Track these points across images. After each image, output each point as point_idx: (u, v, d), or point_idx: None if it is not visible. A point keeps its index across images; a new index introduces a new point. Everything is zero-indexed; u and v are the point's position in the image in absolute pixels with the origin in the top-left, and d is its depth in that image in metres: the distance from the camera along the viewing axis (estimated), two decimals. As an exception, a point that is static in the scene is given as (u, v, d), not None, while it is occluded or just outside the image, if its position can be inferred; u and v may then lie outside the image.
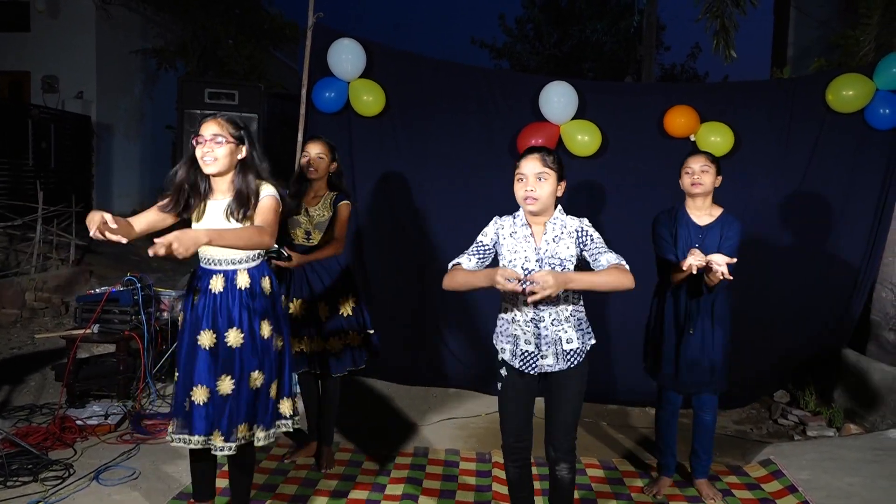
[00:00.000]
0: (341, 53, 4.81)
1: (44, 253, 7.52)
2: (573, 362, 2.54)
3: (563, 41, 16.00)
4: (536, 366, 2.54)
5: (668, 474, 3.59)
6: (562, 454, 2.59)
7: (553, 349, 2.52)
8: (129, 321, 4.44)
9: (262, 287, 2.60)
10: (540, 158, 2.50)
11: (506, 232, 2.60)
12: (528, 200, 2.50)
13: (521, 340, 2.56)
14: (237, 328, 2.53)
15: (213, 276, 2.56)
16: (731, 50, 6.15)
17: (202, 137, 2.47)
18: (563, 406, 2.58)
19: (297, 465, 3.69)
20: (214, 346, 2.53)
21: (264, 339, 2.57)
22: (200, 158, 2.48)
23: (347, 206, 3.59)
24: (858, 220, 4.79)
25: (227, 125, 2.50)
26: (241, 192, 2.52)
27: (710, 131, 4.76)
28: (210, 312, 2.53)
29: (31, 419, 4.10)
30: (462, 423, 4.46)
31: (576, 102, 4.83)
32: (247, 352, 2.54)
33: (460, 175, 5.03)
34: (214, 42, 10.99)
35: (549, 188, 2.49)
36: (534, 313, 2.51)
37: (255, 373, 2.55)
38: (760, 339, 4.91)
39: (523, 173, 2.51)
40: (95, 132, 10.99)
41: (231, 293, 2.54)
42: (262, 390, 2.57)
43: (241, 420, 2.53)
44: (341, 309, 3.57)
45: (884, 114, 4.59)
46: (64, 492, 3.20)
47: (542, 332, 2.52)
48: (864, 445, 3.93)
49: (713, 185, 3.34)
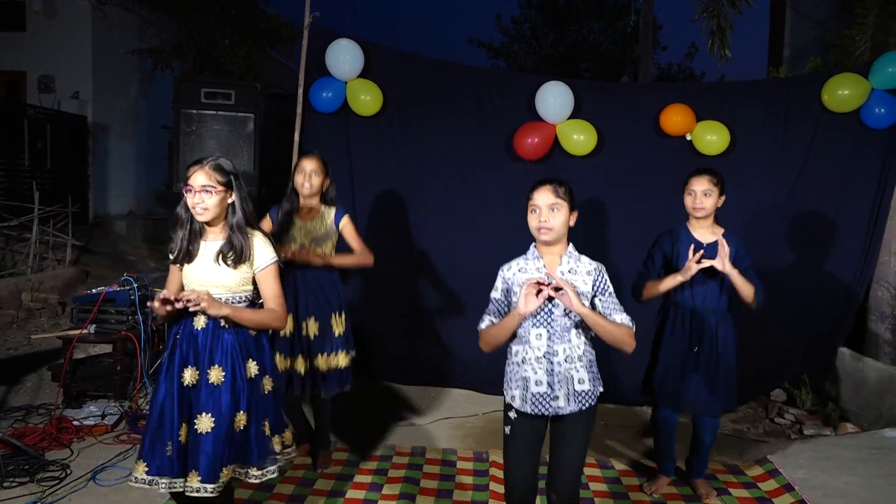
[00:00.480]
0: (339, 54, 4.81)
1: (40, 253, 7.50)
2: (584, 405, 2.48)
3: (559, 41, 15.99)
4: (550, 407, 2.47)
5: (667, 475, 3.60)
6: (565, 499, 2.53)
7: (565, 389, 2.46)
8: (126, 321, 4.43)
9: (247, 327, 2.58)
10: (552, 189, 2.49)
11: (513, 273, 2.56)
12: (542, 231, 2.48)
13: (531, 382, 2.49)
14: (218, 366, 2.50)
15: (196, 313, 2.54)
16: (726, 49, 6.16)
17: (191, 188, 2.49)
18: (571, 451, 2.52)
19: (294, 465, 3.68)
20: (196, 384, 2.50)
21: (250, 378, 2.53)
22: (192, 208, 2.51)
23: (349, 218, 3.59)
24: (855, 220, 4.80)
25: (214, 174, 2.50)
26: (231, 244, 2.54)
27: (706, 130, 4.77)
28: (192, 349, 2.52)
29: (27, 420, 4.10)
30: (459, 423, 4.46)
31: (572, 102, 4.84)
32: (227, 391, 2.49)
33: (458, 174, 5.03)
34: (210, 42, 10.96)
35: (562, 218, 2.48)
36: (547, 347, 2.47)
37: (240, 413, 2.49)
38: (757, 339, 4.91)
39: (536, 204, 2.49)
40: (91, 132, 10.96)
41: (215, 331, 2.53)
42: (249, 431, 2.51)
43: (225, 461, 2.45)
44: (334, 328, 3.54)
45: (879, 113, 4.60)
46: (61, 492, 3.20)
47: (555, 369, 2.46)
48: (861, 444, 3.94)
49: (715, 206, 3.34)
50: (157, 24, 11.89)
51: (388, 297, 5.15)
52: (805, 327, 4.90)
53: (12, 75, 11.03)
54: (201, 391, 2.48)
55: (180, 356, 2.51)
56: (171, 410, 2.47)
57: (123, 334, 4.39)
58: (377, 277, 5.13)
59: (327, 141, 4.94)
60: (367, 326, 5.11)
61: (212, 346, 2.51)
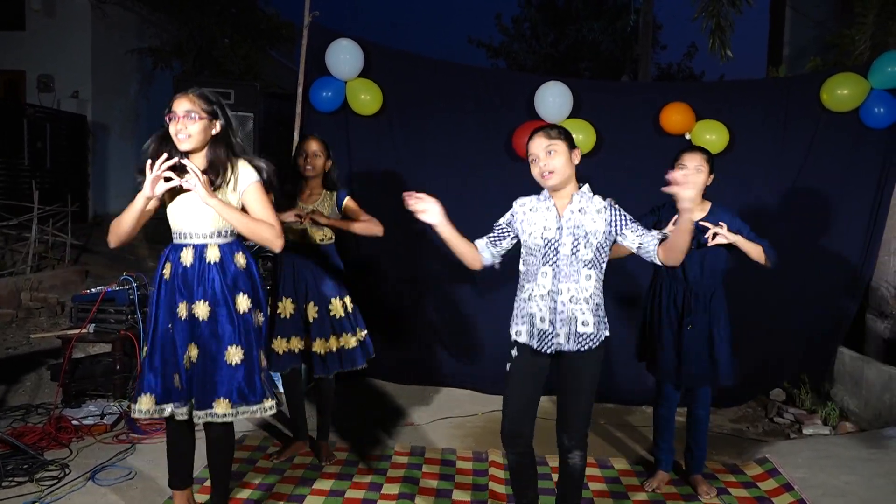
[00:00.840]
0: (339, 53, 4.81)
1: (39, 253, 7.50)
2: (584, 346, 2.51)
3: (559, 40, 16.00)
4: (551, 344, 2.51)
5: (665, 469, 3.60)
6: (574, 441, 2.59)
7: (567, 328, 2.49)
8: (125, 321, 4.43)
9: (237, 262, 2.59)
10: (544, 134, 2.54)
11: (525, 209, 2.62)
12: (546, 175, 2.52)
13: (536, 318, 2.53)
14: (204, 301, 2.52)
15: (182, 249, 2.56)
16: (726, 49, 6.16)
17: (174, 114, 2.46)
18: (577, 392, 2.56)
19: (294, 464, 3.68)
20: (188, 317, 2.53)
21: (240, 313, 2.54)
22: (174, 135, 2.47)
23: (352, 199, 3.61)
24: (854, 219, 4.80)
25: (199, 101, 2.48)
26: (213, 163, 2.50)
27: (706, 129, 4.77)
28: (181, 284, 2.53)
29: (26, 419, 4.09)
30: (459, 423, 4.46)
31: (571, 102, 4.84)
32: (214, 325, 2.51)
33: (457, 174, 5.03)
34: (210, 42, 10.98)
35: (562, 158, 2.51)
36: (552, 285, 2.49)
37: (232, 348, 2.51)
38: (756, 338, 4.92)
39: (533, 153, 2.55)
40: (91, 132, 10.97)
41: (200, 267, 2.53)
42: (244, 365, 2.53)
43: (217, 395, 2.49)
44: (332, 311, 3.54)
45: (879, 113, 4.60)
46: (60, 492, 3.19)
47: (558, 308, 2.49)
48: (860, 444, 3.95)
49: (705, 184, 3.34)
50: (157, 23, 11.90)
51: (388, 296, 5.15)
52: (804, 326, 4.90)
53: (12, 74, 11.04)
54: (192, 325, 2.52)
55: (174, 291, 2.52)
56: (172, 343, 2.51)
57: (123, 334, 4.38)
58: (377, 277, 5.13)
59: (327, 140, 4.93)
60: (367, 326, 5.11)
61: (199, 281, 2.52)
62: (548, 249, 2.51)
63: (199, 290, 2.52)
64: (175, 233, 2.60)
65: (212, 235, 2.55)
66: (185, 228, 2.56)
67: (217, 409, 2.50)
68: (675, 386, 3.49)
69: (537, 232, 2.55)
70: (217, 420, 2.52)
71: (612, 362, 4.77)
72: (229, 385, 2.52)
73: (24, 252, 7.34)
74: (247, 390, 2.54)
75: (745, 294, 4.92)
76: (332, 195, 3.61)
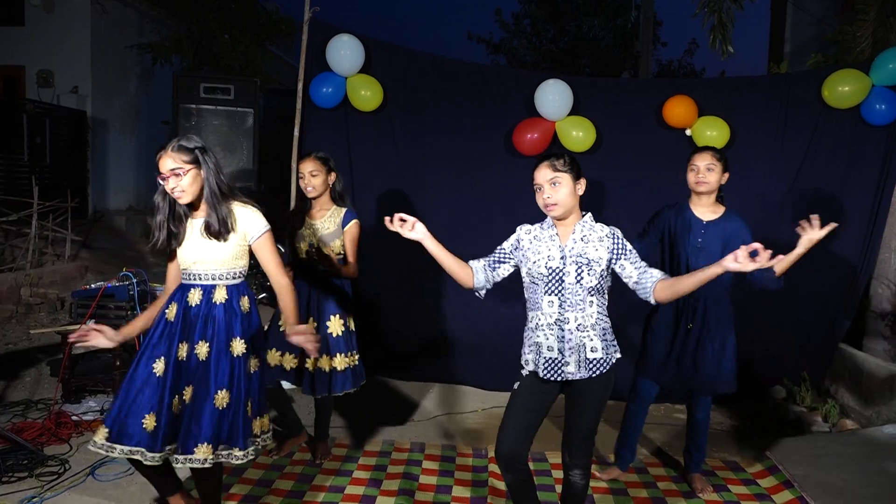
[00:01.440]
0: (339, 49, 4.80)
1: (39, 248, 7.49)
2: (595, 372, 2.51)
3: (559, 37, 15.96)
4: (561, 373, 2.51)
5: (621, 466, 3.64)
6: (577, 460, 2.60)
7: (576, 356, 2.49)
8: (125, 316, 4.42)
9: (241, 305, 2.60)
10: (549, 165, 2.52)
11: (530, 237, 2.62)
12: (549, 207, 2.53)
13: (543, 347, 2.52)
14: (205, 342, 2.53)
15: (190, 289, 2.59)
16: (727, 45, 6.13)
17: (162, 175, 2.51)
18: (584, 414, 2.56)
19: (293, 460, 3.69)
20: (186, 358, 2.52)
21: (235, 356, 2.54)
22: (171, 193, 2.53)
23: (356, 225, 3.56)
24: (855, 217, 4.79)
25: (179, 154, 2.51)
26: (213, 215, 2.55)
27: (706, 126, 4.77)
28: (184, 325, 2.54)
29: (26, 415, 4.09)
30: (459, 419, 4.46)
31: (571, 100, 4.83)
32: (212, 368, 2.51)
33: (457, 170, 5.03)
34: (210, 37, 10.94)
35: (566, 189, 2.51)
36: (558, 314, 2.49)
37: (222, 392, 2.50)
38: (756, 335, 4.92)
39: (538, 183, 2.55)
40: (91, 127, 10.94)
41: (207, 307, 2.56)
42: (230, 410, 2.51)
43: (202, 439, 2.46)
44: (331, 329, 3.51)
45: (880, 109, 4.59)
46: (59, 487, 3.20)
47: (565, 336, 2.49)
48: (860, 441, 3.95)
49: (719, 183, 3.34)
50: (157, 18, 11.87)
51: (388, 292, 5.15)
52: (805, 324, 4.90)
53: (11, 70, 11.00)
54: (190, 365, 2.52)
55: (174, 335, 2.53)
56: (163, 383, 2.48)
57: (122, 329, 4.37)
58: (377, 273, 5.12)
59: (327, 136, 4.93)
60: (367, 322, 5.11)
61: (204, 321, 2.54)
62: (552, 279, 2.50)
63: (202, 330, 2.54)
64: (184, 271, 2.63)
65: (222, 277, 2.59)
66: (196, 269, 2.59)
67: (198, 455, 2.46)
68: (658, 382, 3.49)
69: (541, 261, 2.54)
70: (196, 465, 2.47)
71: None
72: (215, 429, 2.48)
73: (23, 248, 7.33)
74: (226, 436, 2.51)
75: (745, 291, 4.93)
76: (340, 211, 3.58)
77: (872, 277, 4.85)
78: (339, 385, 3.50)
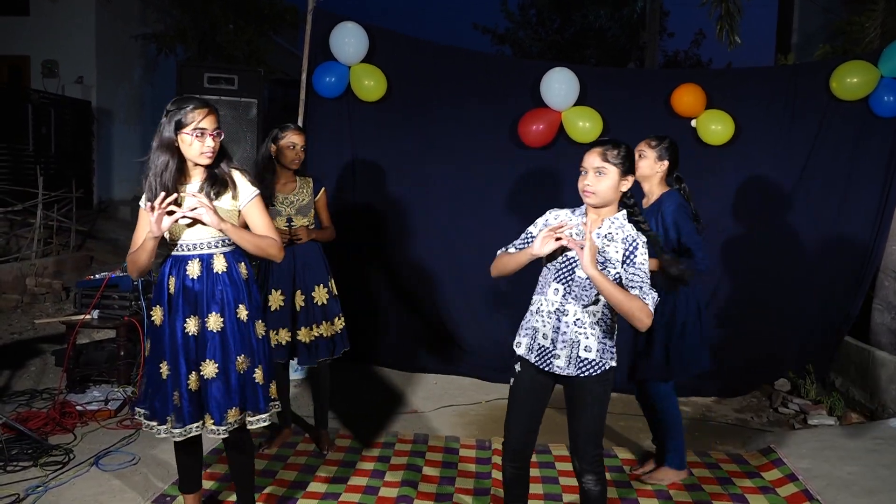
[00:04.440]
0: (343, 37, 4.77)
1: (44, 238, 7.51)
2: (585, 372, 2.42)
3: (565, 27, 15.89)
4: (550, 364, 2.45)
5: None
6: (586, 465, 2.49)
7: (568, 351, 2.42)
8: (129, 306, 4.43)
9: (240, 272, 2.59)
10: (600, 152, 2.40)
11: (556, 222, 2.48)
12: (586, 193, 2.42)
13: (539, 334, 2.48)
14: (217, 313, 2.51)
15: (188, 261, 2.53)
16: (735, 36, 6.10)
17: (204, 130, 2.44)
18: (581, 415, 2.49)
19: (297, 451, 3.69)
20: (198, 332, 2.51)
21: (244, 322, 2.55)
22: (200, 152, 2.45)
23: (324, 191, 3.67)
24: (862, 209, 4.76)
25: (217, 116, 2.49)
26: (218, 177, 2.52)
27: (711, 119, 4.74)
28: (191, 297, 2.51)
29: (31, 404, 4.11)
30: (462, 411, 4.45)
31: (577, 89, 4.80)
32: (228, 336, 2.52)
33: (461, 161, 5.01)
34: (214, 27, 10.93)
35: (609, 182, 2.39)
36: (560, 303, 2.43)
37: (241, 357, 2.53)
38: (761, 327, 4.91)
39: (584, 166, 2.43)
40: (95, 117, 10.95)
41: (209, 278, 2.53)
42: (248, 374, 2.55)
43: (230, 404, 2.51)
44: (316, 298, 3.55)
45: (888, 101, 4.55)
46: (64, 477, 3.20)
47: (561, 328, 2.42)
48: (865, 434, 3.93)
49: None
50: (161, 8, 11.85)
51: (391, 283, 5.14)
52: (810, 316, 4.88)
53: (16, 60, 11.01)
54: (205, 339, 2.51)
55: (181, 306, 2.51)
56: (176, 361, 2.49)
57: (127, 320, 4.38)
58: (380, 264, 5.12)
59: (330, 126, 4.92)
60: (370, 313, 5.11)
61: (208, 293, 2.52)
62: (563, 266, 2.43)
63: (210, 303, 2.52)
64: (179, 244, 2.54)
65: (217, 244, 2.55)
66: (190, 239, 2.53)
67: (229, 418, 2.52)
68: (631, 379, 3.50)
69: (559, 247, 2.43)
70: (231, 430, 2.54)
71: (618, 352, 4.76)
72: (241, 394, 2.54)
73: (28, 238, 7.35)
74: (251, 401, 2.57)
75: (751, 283, 4.92)
76: (308, 182, 3.61)
77: (879, 270, 4.82)
78: (339, 347, 3.62)
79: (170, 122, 2.47)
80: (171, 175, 2.46)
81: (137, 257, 2.50)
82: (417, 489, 3.31)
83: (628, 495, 3.37)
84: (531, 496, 2.82)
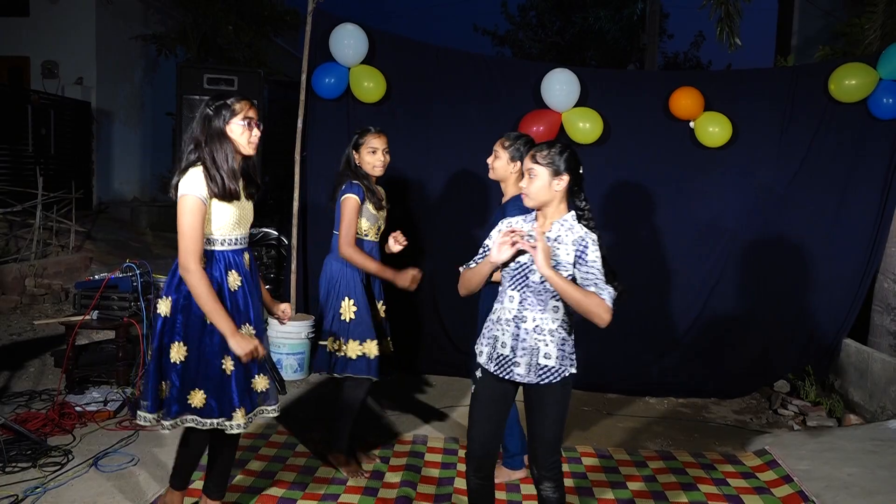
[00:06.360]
0: (343, 38, 4.78)
1: (44, 239, 7.50)
2: (545, 379, 2.38)
3: (565, 29, 15.91)
4: (510, 372, 2.42)
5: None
6: (544, 472, 2.45)
7: (528, 359, 2.38)
8: (129, 308, 4.43)
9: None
10: (531, 155, 2.42)
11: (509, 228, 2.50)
12: (523, 196, 2.45)
13: (498, 343, 2.45)
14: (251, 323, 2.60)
15: (242, 254, 2.56)
16: (735, 38, 6.10)
17: (252, 120, 2.46)
18: (541, 422, 2.44)
19: (296, 452, 3.69)
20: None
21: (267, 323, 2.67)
22: (248, 142, 2.48)
23: None
24: (861, 211, 4.77)
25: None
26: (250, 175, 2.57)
27: (709, 121, 4.75)
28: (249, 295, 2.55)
29: (30, 405, 4.10)
30: (462, 412, 4.45)
31: (578, 90, 4.81)
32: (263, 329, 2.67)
33: (462, 164, 5.00)
34: (214, 29, 10.92)
35: (540, 183, 2.39)
36: (517, 311, 2.40)
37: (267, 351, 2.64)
38: (761, 328, 4.91)
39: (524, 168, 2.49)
40: (95, 118, 10.94)
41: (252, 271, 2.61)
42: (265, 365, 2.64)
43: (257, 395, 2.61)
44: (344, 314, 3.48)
45: (887, 103, 4.56)
46: (62, 478, 3.20)
47: (520, 335, 2.39)
48: (864, 436, 3.93)
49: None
50: (162, 9, 11.86)
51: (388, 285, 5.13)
52: (809, 318, 4.88)
53: (15, 60, 11.00)
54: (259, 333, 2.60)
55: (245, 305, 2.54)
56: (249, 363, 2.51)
57: (126, 321, 4.39)
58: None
59: (330, 127, 4.92)
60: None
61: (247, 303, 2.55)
62: (517, 273, 2.40)
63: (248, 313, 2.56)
64: (231, 239, 2.50)
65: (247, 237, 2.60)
66: (241, 232, 2.55)
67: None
68: None
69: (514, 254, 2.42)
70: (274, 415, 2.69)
71: (613, 353, 4.77)
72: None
73: (28, 238, 7.34)
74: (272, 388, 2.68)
75: (750, 285, 4.92)
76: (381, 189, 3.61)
77: (878, 272, 4.83)
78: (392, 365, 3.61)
79: (218, 113, 2.45)
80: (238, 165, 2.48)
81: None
82: (417, 490, 3.31)
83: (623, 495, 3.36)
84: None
